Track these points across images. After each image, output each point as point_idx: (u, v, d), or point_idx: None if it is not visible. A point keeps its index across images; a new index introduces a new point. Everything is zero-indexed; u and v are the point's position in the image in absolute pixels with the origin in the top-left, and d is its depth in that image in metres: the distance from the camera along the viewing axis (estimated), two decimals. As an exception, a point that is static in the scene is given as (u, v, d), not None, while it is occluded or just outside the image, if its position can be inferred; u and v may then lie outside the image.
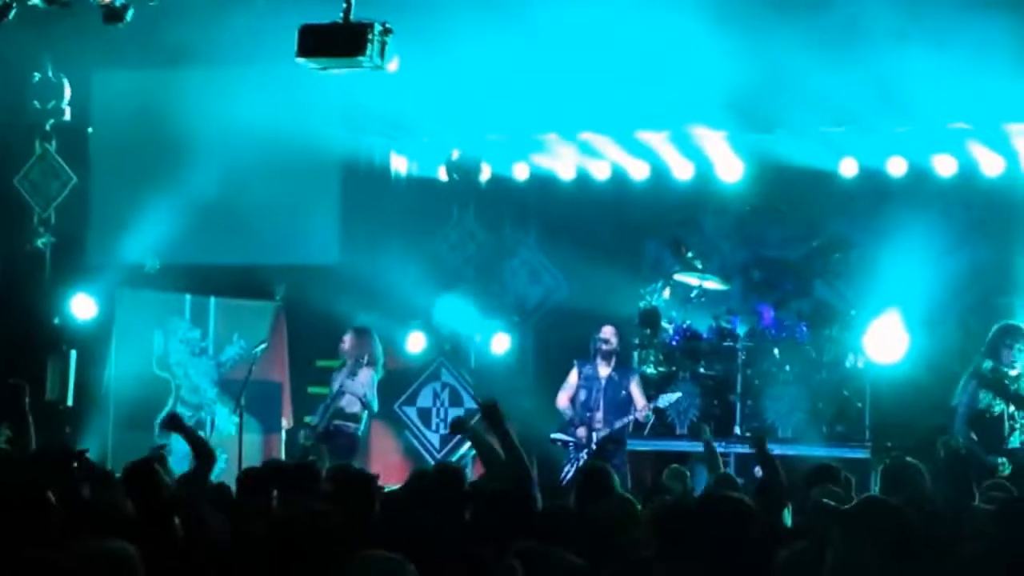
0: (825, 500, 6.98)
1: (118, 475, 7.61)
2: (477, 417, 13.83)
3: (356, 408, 12.56)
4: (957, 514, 6.90)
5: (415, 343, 14.32)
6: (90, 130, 14.31)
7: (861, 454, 12.13)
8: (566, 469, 11.80)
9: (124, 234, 13.62)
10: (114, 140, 14.26)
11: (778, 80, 11.43)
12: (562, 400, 12.28)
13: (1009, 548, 5.64)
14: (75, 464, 7.34)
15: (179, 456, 13.26)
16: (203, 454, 7.81)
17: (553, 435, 12.23)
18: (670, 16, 10.44)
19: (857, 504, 6.11)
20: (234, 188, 13.35)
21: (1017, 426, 10.60)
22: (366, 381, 12.59)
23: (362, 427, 12.71)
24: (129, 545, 3.97)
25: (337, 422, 12.49)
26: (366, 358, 12.65)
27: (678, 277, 13.53)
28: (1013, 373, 10.61)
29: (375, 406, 12.72)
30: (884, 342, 12.44)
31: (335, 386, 12.64)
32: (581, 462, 11.43)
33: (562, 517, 6.42)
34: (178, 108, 13.51)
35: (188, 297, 14.17)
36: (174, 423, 8.37)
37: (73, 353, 13.85)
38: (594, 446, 11.76)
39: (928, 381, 12.40)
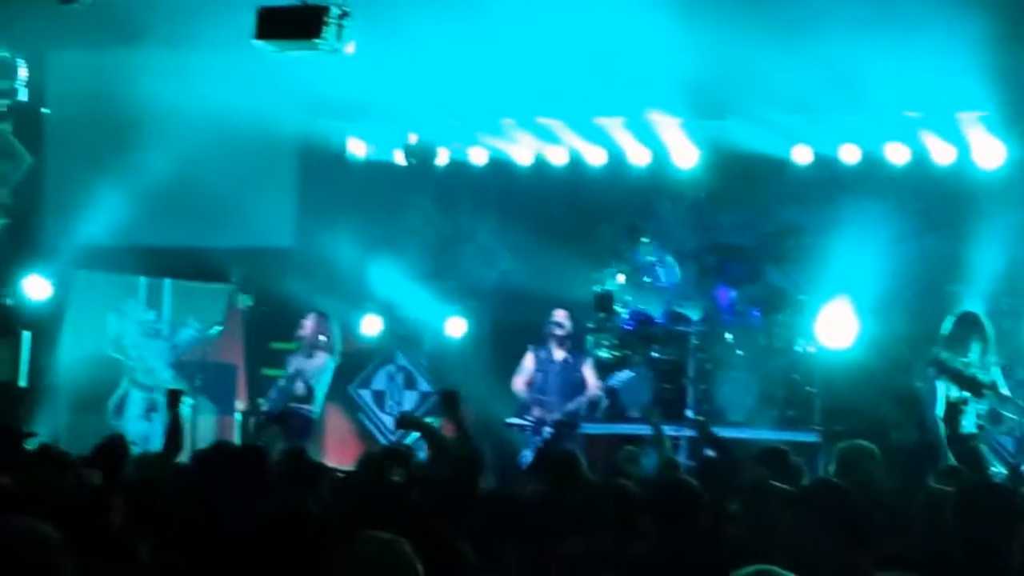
0: (775, 482, 7.12)
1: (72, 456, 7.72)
2: (423, 410, 14.05)
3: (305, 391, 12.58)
4: (907, 499, 7.01)
5: (370, 326, 14.35)
6: (45, 111, 14.22)
7: (811, 438, 12.24)
8: (524, 453, 11.87)
9: (79, 215, 13.55)
10: (69, 121, 14.17)
11: (733, 67, 11.51)
12: (518, 384, 12.37)
13: (958, 534, 5.73)
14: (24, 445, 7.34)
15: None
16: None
17: (508, 419, 12.32)
18: (627, 2, 10.49)
19: (808, 487, 6.22)
20: (190, 170, 13.30)
21: (968, 411, 10.73)
22: (320, 365, 12.61)
23: (317, 409, 12.73)
24: (52, 529, 3.87)
25: (292, 404, 12.50)
26: (324, 343, 12.68)
27: None
28: (967, 360, 10.72)
29: (321, 393, 12.72)
30: (834, 328, 12.57)
31: (290, 369, 12.65)
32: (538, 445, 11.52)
33: (507, 502, 6.59)
34: (134, 89, 13.44)
35: (143, 279, 14.15)
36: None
37: (26, 334, 13.80)
38: (549, 429, 11.84)
39: (877, 367, 12.56)
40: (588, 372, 12.28)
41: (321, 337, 12.68)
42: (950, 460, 9.76)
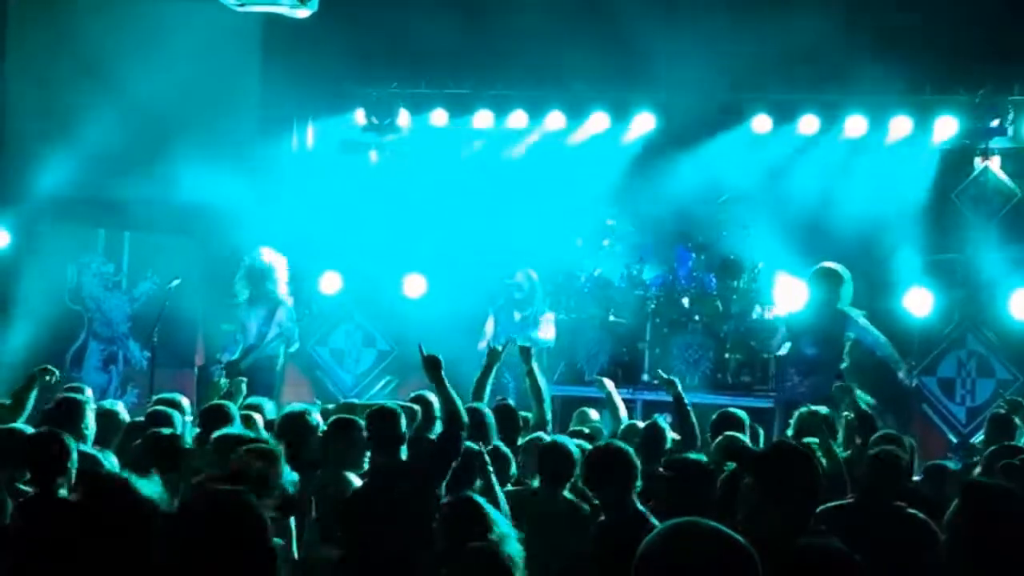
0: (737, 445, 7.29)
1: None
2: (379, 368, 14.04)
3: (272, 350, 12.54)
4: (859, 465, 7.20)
5: (329, 283, 14.37)
6: (4, 61, 14.12)
7: (765, 403, 12.41)
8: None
9: (39, 166, 13.50)
10: (29, 70, 14.10)
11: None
12: (482, 346, 12.45)
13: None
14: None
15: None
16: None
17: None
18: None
19: (769, 449, 6.37)
20: (150, 122, 13.30)
21: None
22: (284, 316, 12.52)
23: (279, 364, 12.71)
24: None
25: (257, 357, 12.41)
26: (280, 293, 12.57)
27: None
28: None
29: (296, 338, 12.72)
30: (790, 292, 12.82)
31: (251, 324, 12.55)
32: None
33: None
34: (96, 41, 13.40)
35: (102, 231, 14.11)
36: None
37: (-16, 284, 13.78)
38: (513, 388, 11.87)
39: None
40: (545, 327, 12.33)
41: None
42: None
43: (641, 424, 8.82)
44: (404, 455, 6.90)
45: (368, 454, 7.13)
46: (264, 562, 3.88)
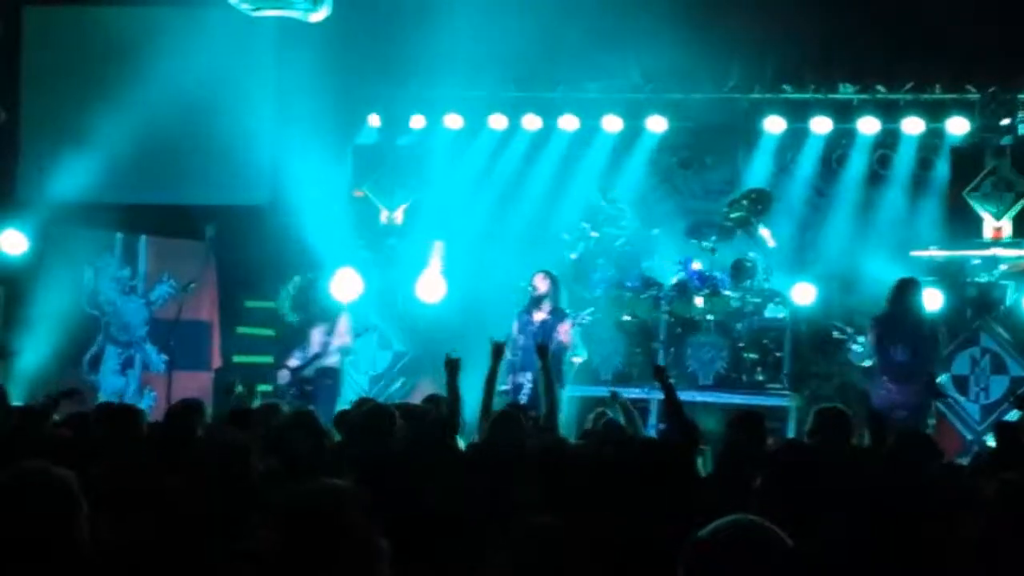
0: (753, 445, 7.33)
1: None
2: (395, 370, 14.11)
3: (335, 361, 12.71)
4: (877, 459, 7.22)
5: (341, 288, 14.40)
6: (21, 66, 14.22)
7: (780, 402, 12.45)
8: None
9: (56, 170, 13.58)
10: (46, 76, 14.20)
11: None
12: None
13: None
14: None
15: (107, 394, 13.49)
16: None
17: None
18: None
19: (780, 449, 6.41)
20: (166, 127, 13.37)
21: None
22: (345, 327, 12.72)
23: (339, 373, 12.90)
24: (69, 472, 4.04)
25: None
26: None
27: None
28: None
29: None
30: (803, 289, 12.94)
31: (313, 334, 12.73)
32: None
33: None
34: (112, 46, 13.49)
35: (119, 235, 14.19)
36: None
37: (1, 289, 13.84)
38: (528, 389, 11.89)
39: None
40: (563, 330, 12.35)
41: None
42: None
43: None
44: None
45: None
46: None
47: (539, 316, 12.31)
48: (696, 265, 13.39)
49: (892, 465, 6.61)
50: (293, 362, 12.68)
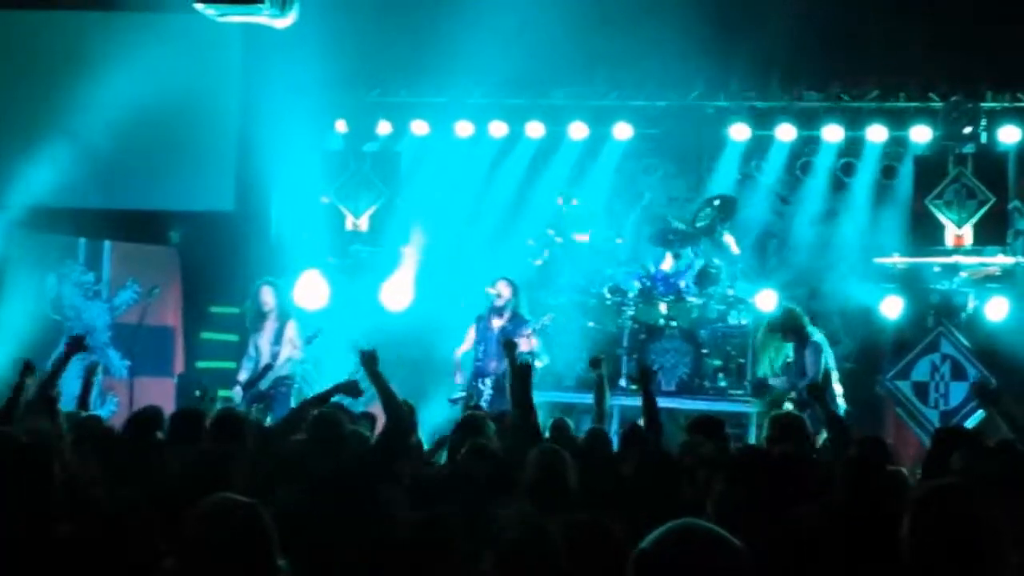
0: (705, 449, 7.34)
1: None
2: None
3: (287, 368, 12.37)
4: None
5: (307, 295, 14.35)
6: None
7: (742, 408, 12.49)
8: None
9: (17, 175, 13.50)
10: (5, 80, 14.11)
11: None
12: (456, 353, 12.54)
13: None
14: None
15: (68, 399, 13.38)
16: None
17: (449, 397, 12.35)
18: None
19: (737, 453, 6.45)
20: (132, 132, 13.31)
21: None
22: (294, 333, 12.45)
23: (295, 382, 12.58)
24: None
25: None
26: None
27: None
28: None
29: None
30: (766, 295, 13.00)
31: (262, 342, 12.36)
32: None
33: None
34: (75, 51, 13.42)
35: (82, 240, 14.12)
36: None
37: (-36, 294, 13.75)
38: (488, 395, 11.92)
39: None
40: (524, 340, 12.35)
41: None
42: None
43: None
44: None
45: None
46: None
47: (498, 323, 12.34)
48: (666, 265, 13.44)
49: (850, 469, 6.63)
50: (243, 375, 12.30)
